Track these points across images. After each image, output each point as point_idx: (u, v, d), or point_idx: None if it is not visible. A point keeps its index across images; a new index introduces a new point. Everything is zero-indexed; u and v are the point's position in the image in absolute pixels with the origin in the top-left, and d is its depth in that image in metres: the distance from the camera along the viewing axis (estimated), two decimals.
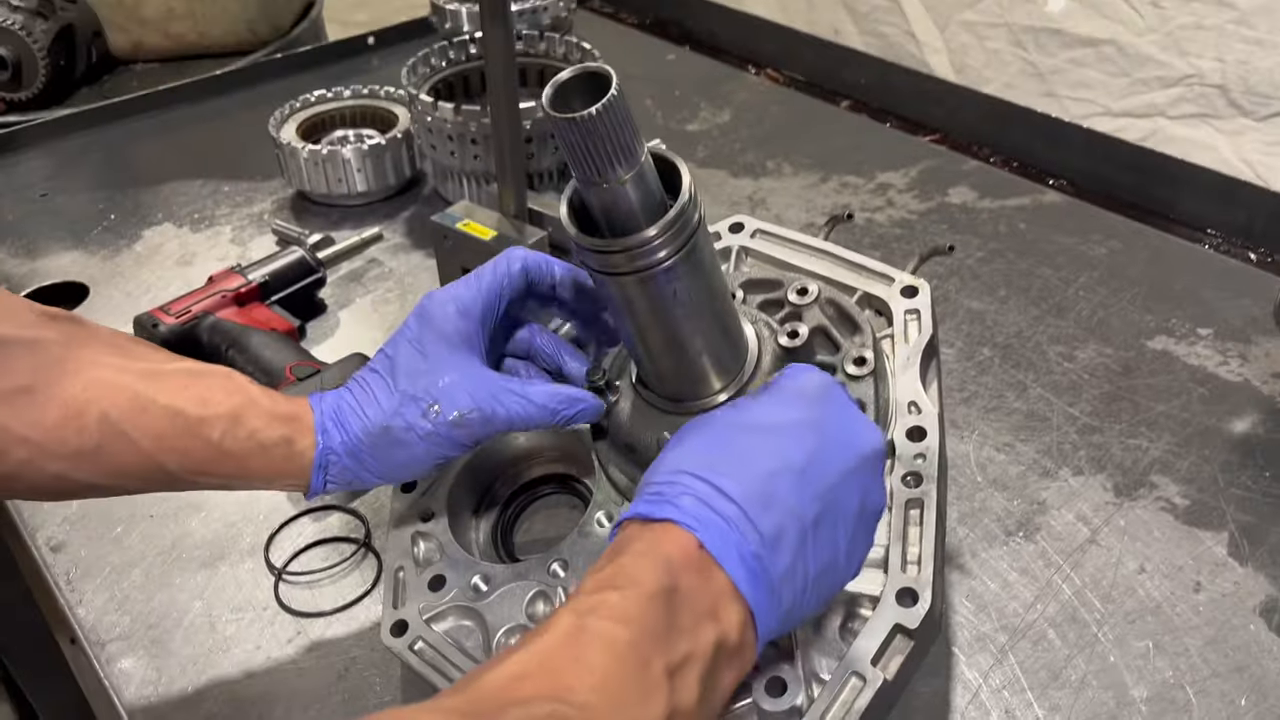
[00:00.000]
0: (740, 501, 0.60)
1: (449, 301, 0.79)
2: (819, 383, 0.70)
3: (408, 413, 0.77)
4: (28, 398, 0.69)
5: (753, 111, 1.72)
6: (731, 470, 0.62)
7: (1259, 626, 0.86)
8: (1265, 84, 1.70)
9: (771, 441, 0.64)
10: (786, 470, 0.62)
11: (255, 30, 2.02)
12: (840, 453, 0.65)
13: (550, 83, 0.67)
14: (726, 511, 0.60)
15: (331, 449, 0.76)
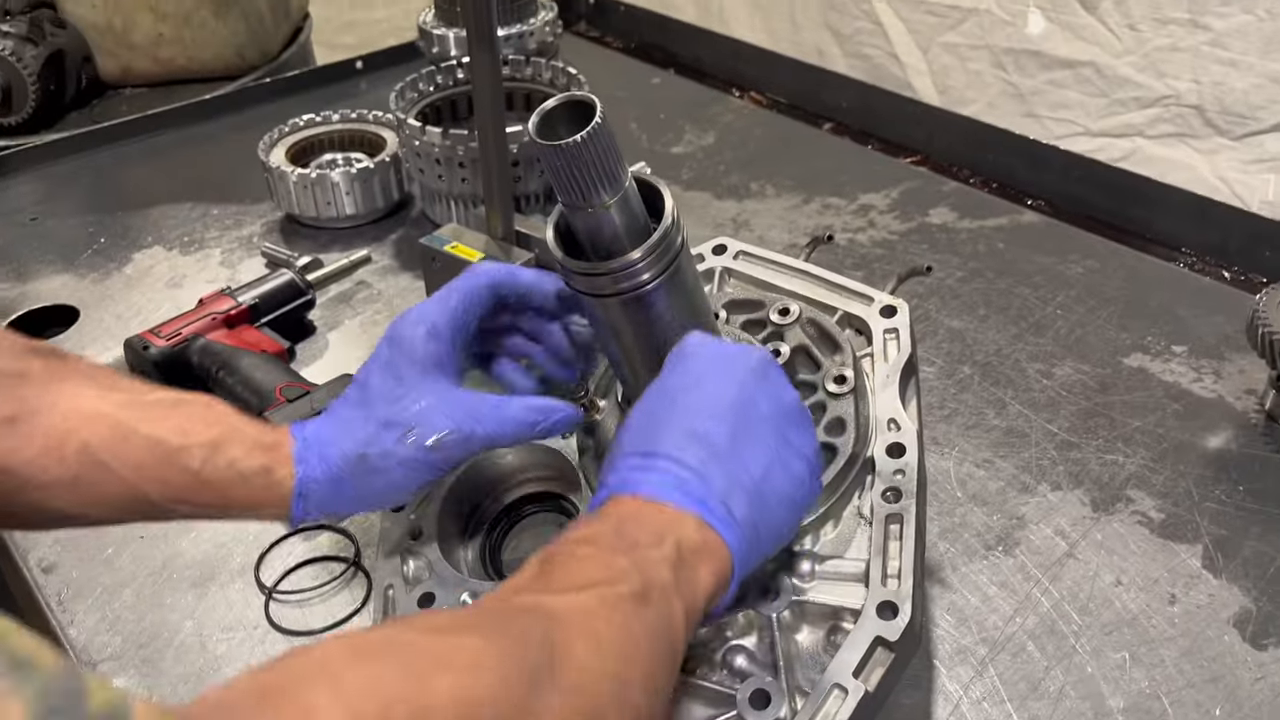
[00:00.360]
0: (661, 452, 0.66)
1: (418, 323, 0.80)
2: (688, 349, 0.73)
3: (384, 439, 0.77)
4: (10, 428, 0.69)
5: (736, 134, 1.74)
6: (637, 442, 0.68)
7: (1233, 637, 0.88)
8: (1240, 104, 1.74)
9: (665, 404, 0.69)
10: (683, 413, 0.68)
11: (244, 55, 2.03)
12: (726, 377, 0.70)
13: (536, 111, 0.69)
14: (652, 465, 0.66)
15: (311, 478, 0.76)
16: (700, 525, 0.64)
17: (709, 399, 0.69)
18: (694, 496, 0.64)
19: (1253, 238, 1.37)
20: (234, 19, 2.00)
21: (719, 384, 0.70)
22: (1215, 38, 1.73)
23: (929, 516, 1.00)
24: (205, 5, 1.97)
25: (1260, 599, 0.91)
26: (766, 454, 0.68)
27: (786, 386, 0.73)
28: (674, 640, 0.60)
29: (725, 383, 0.70)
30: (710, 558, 0.64)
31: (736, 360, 0.71)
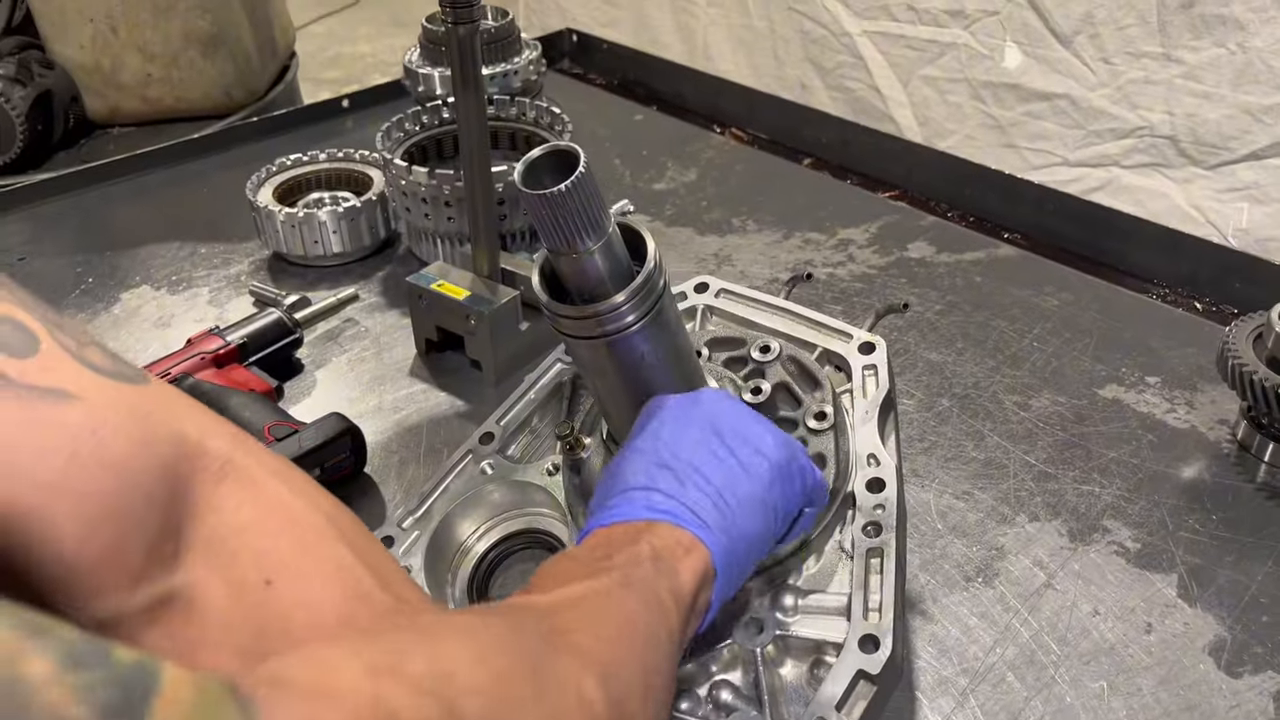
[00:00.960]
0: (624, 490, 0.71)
1: None
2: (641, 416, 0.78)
3: None
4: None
5: (718, 170, 1.77)
6: (602, 493, 0.73)
7: (1208, 666, 0.90)
8: (1213, 135, 1.78)
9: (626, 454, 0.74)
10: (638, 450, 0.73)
11: (231, 94, 2.06)
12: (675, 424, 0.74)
13: (522, 160, 0.71)
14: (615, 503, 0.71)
15: None
16: (671, 529, 0.68)
17: (666, 439, 0.73)
18: (659, 509, 0.69)
19: (1223, 269, 1.40)
20: (221, 59, 2.03)
21: (674, 426, 0.74)
22: (1188, 70, 1.77)
23: (910, 548, 1.01)
24: (193, 45, 2.00)
25: (1234, 627, 0.93)
26: (724, 463, 0.72)
27: (735, 400, 0.78)
28: (667, 619, 0.64)
29: (679, 423, 0.75)
30: (687, 554, 0.68)
31: (685, 403, 0.76)
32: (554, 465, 0.95)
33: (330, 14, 5.90)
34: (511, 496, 0.97)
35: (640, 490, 0.71)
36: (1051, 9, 1.86)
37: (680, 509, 0.69)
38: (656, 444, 0.73)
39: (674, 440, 0.73)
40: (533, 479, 0.95)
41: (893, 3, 2.08)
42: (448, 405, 1.24)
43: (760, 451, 0.74)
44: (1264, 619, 0.94)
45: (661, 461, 0.72)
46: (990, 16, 1.95)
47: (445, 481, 0.97)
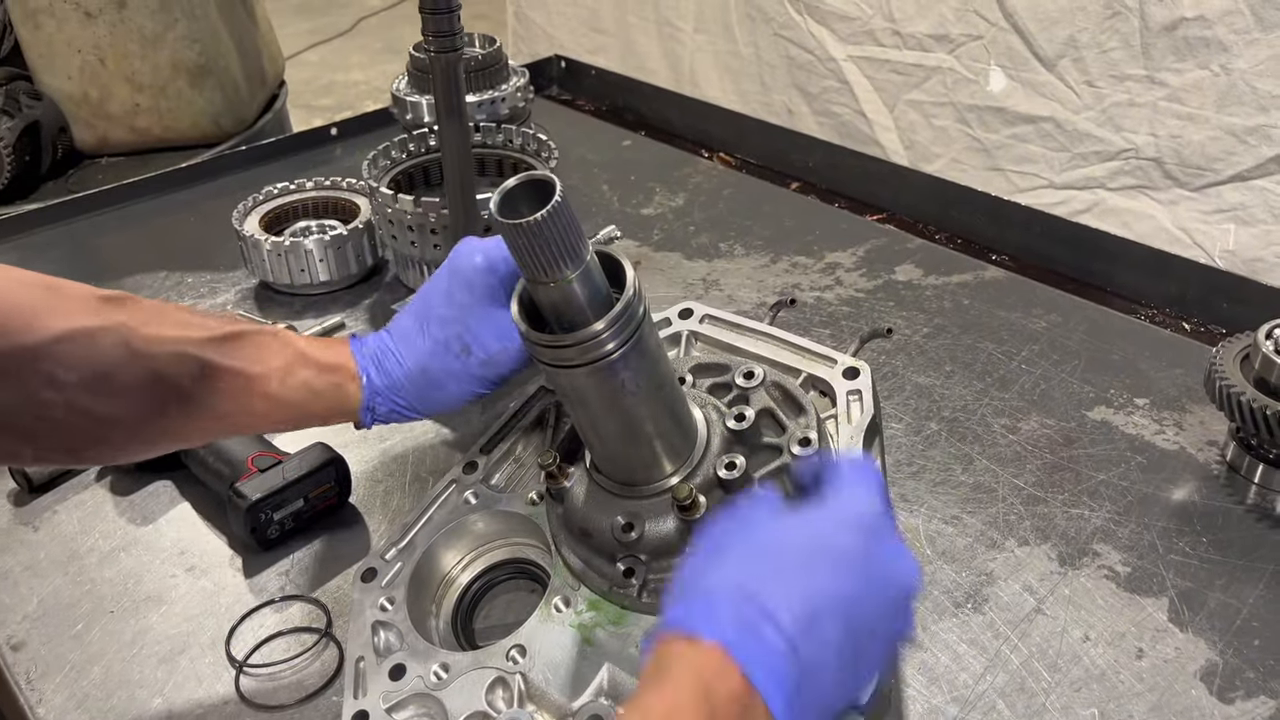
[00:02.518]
0: (789, 633, 0.60)
1: (476, 253, 0.90)
2: (871, 508, 0.69)
3: (442, 357, 0.89)
4: (108, 382, 0.78)
5: (706, 195, 1.77)
6: (781, 591, 0.61)
7: (1200, 691, 0.89)
8: (1198, 156, 1.79)
9: (824, 570, 0.63)
10: (835, 604, 0.62)
11: (220, 124, 2.06)
12: (883, 590, 0.65)
13: (498, 190, 0.71)
14: (774, 643, 0.59)
15: (375, 391, 0.89)
16: None
17: (859, 606, 0.63)
18: (790, 709, 0.59)
19: (1210, 290, 1.40)
20: (210, 89, 2.04)
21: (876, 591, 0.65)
22: (1171, 93, 1.78)
23: None
24: (181, 75, 2.00)
25: (1226, 651, 0.92)
26: (856, 682, 0.65)
27: (913, 617, 0.69)
28: None
29: (882, 593, 0.65)
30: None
31: (903, 572, 0.67)
32: (538, 495, 0.94)
33: (323, 42, 5.94)
34: (495, 526, 0.96)
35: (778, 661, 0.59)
36: (1035, 33, 1.87)
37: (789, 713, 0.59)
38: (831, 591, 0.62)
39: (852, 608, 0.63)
40: (516, 509, 0.94)
41: (877, 28, 2.09)
42: (433, 434, 1.23)
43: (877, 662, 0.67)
44: (1255, 643, 0.93)
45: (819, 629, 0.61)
46: (974, 41, 1.96)
47: (428, 512, 0.96)
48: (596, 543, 0.84)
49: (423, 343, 0.90)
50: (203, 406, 0.83)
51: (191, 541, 1.10)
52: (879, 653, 0.66)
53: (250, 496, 1.04)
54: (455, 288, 0.90)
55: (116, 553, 1.09)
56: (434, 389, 0.90)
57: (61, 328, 0.76)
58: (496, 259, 0.90)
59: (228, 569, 1.07)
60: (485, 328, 0.89)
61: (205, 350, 0.83)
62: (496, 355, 0.90)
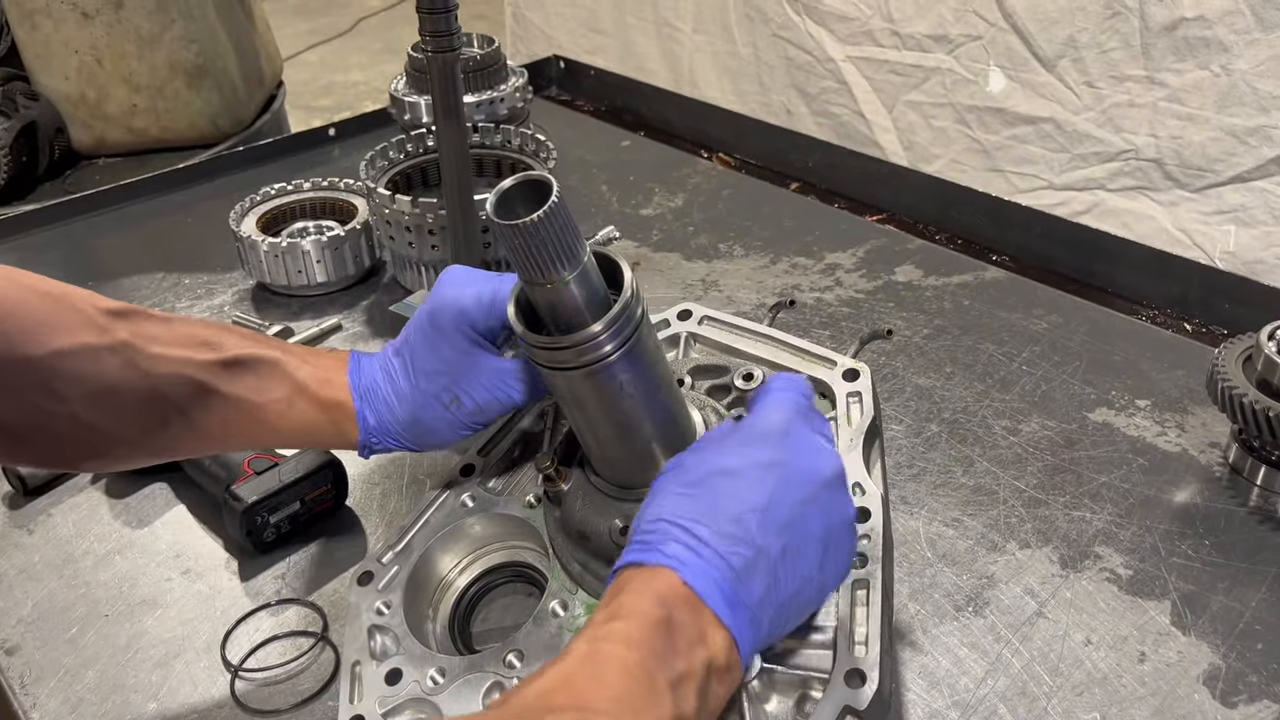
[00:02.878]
0: (712, 544, 0.68)
1: (454, 300, 0.89)
2: (778, 421, 0.75)
3: (432, 408, 0.90)
4: (110, 398, 0.79)
5: (705, 195, 1.76)
6: (703, 516, 0.69)
7: (1203, 695, 0.88)
8: (1198, 157, 1.78)
9: (735, 484, 0.71)
10: (752, 511, 0.69)
11: (218, 124, 2.06)
12: (799, 484, 0.72)
13: (494, 190, 0.70)
14: (703, 552, 0.67)
15: (371, 432, 0.91)
16: (730, 646, 0.66)
17: (775, 507, 0.70)
18: (731, 605, 0.67)
19: (1211, 290, 1.40)
20: (207, 89, 2.03)
21: (791, 489, 0.71)
22: (1172, 93, 1.77)
23: (899, 577, 1.00)
24: (179, 76, 2.00)
25: (1229, 655, 0.92)
26: (803, 574, 0.71)
27: (848, 498, 0.76)
28: None
29: (798, 488, 0.72)
30: (728, 677, 0.67)
31: (819, 465, 0.73)
32: (535, 498, 0.93)
33: (322, 42, 5.94)
34: (492, 530, 0.95)
35: (720, 557, 0.67)
36: (1035, 33, 1.86)
37: (745, 620, 0.67)
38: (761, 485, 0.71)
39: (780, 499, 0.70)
40: (514, 512, 0.93)
41: (876, 28, 2.08)
42: None
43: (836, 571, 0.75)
44: (1259, 646, 0.92)
45: (753, 525, 0.69)
46: (974, 41, 1.96)
47: (425, 515, 0.95)
48: (594, 546, 0.84)
49: (413, 393, 0.90)
50: (200, 428, 0.85)
51: (187, 544, 1.09)
52: (817, 542, 0.72)
53: (246, 499, 1.04)
54: (438, 339, 0.89)
55: (112, 556, 1.08)
56: (426, 434, 0.92)
57: (66, 343, 0.76)
58: (469, 307, 0.88)
59: (223, 572, 1.06)
60: (473, 379, 0.89)
61: (208, 375, 0.84)
62: (487, 405, 0.90)
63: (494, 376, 0.89)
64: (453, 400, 0.89)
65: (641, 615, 0.64)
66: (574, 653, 0.63)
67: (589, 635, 0.64)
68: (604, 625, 0.65)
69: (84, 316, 0.79)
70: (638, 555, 0.69)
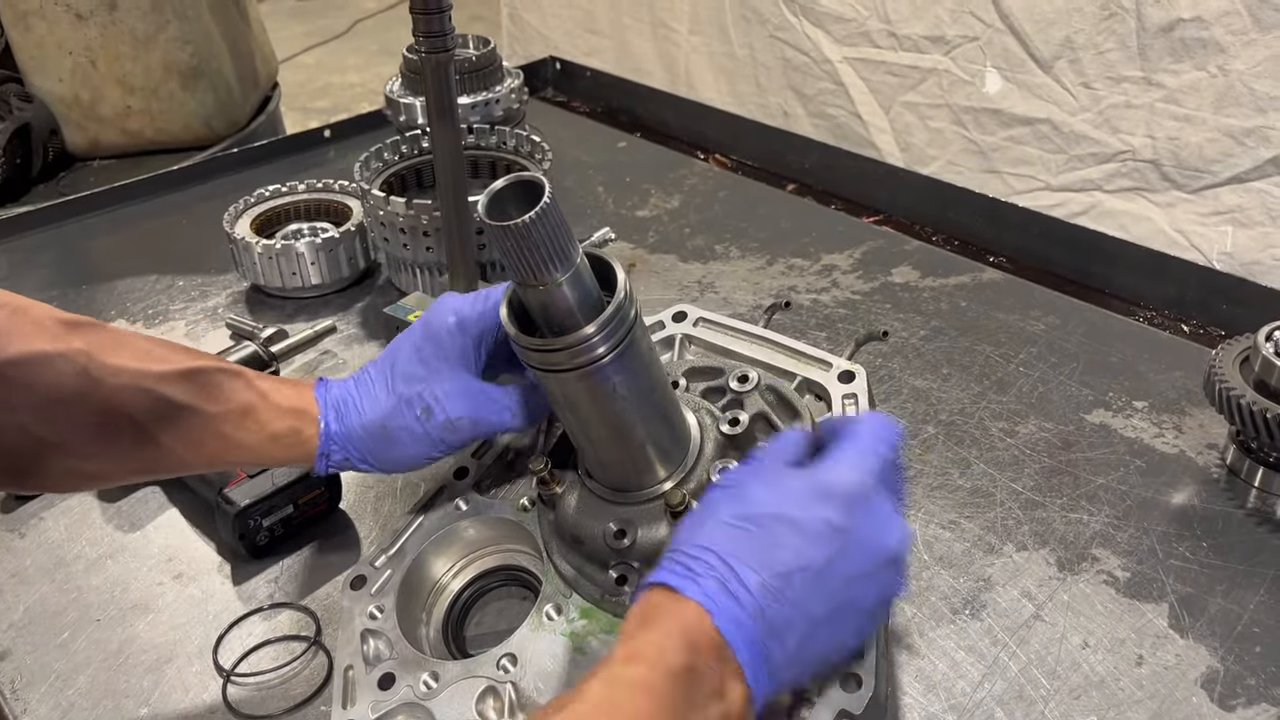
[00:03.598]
0: (756, 593, 0.65)
1: (450, 314, 0.88)
2: (856, 483, 0.70)
3: (404, 415, 0.87)
4: (62, 409, 0.77)
5: (701, 196, 1.76)
6: (754, 560, 0.66)
7: (1200, 699, 0.88)
8: (1195, 158, 1.78)
9: (796, 539, 0.67)
10: (804, 570, 0.66)
11: (212, 126, 2.05)
12: (860, 557, 0.69)
13: (486, 191, 0.70)
14: (743, 600, 0.65)
15: (332, 438, 0.87)
16: (747, 701, 0.64)
17: (832, 572, 0.67)
18: (757, 662, 0.64)
19: (1209, 291, 1.39)
20: (202, 90, 2.02)
21: (852, 558, 0.68)
22: (1168, 94, 1.77)
23: None
24: (173, 77, 1.99)
25: (1227, 658, 0.91)
26: (835, 644, 0.69)
27: (903, 576, 0.72)
28: None
29: (859, 559, 0.68)
30: None
31: (886, 538, 0.70)
32: (529, 501, 0.93)
33: (319, 44, 5.94)
34: (486, 533, 0.95)
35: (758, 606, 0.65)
36: (1031, 34, 1.86)
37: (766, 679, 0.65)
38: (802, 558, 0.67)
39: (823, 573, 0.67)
40: (507, 515, 0.93)
41: (873, 29, 2.08)
42: None
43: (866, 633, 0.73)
44: (1257, 649, 0.92)
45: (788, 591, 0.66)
46: (970, 42, 1.95)
47: (419, 518, 0.95)
48: (588, 550, 0.83)
49: (385, 398, 0.88)
50: (155, 442, 0.81)
51: (179, 548, 1.09)
52: (862, 615, 0.69)
53: (239, 503, 1.03)
54: (425, 345, 0.88)
55: (103, 560, 1.07)
56: (391, 446, 0.88)
57: (18, 351, 0.75)
58: (469, 317, 0.88)
59: (216, 576, 1.05)
60: (451, 392, 0.87)
61: (163, 385, 0.81)
62: (459, 421, 0.87)
63: (474, 395, 0.87)
64: (425, 410, 0.87)
65: (664, 662, 0.61)
66: (590, 695, 0.61)
67: (607, 676, 0.62)
68: (624, 666, 0.62)
69: (39, 325, 0.77)
70: (676, 580, 0.66)
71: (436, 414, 0.87)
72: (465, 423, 0.87)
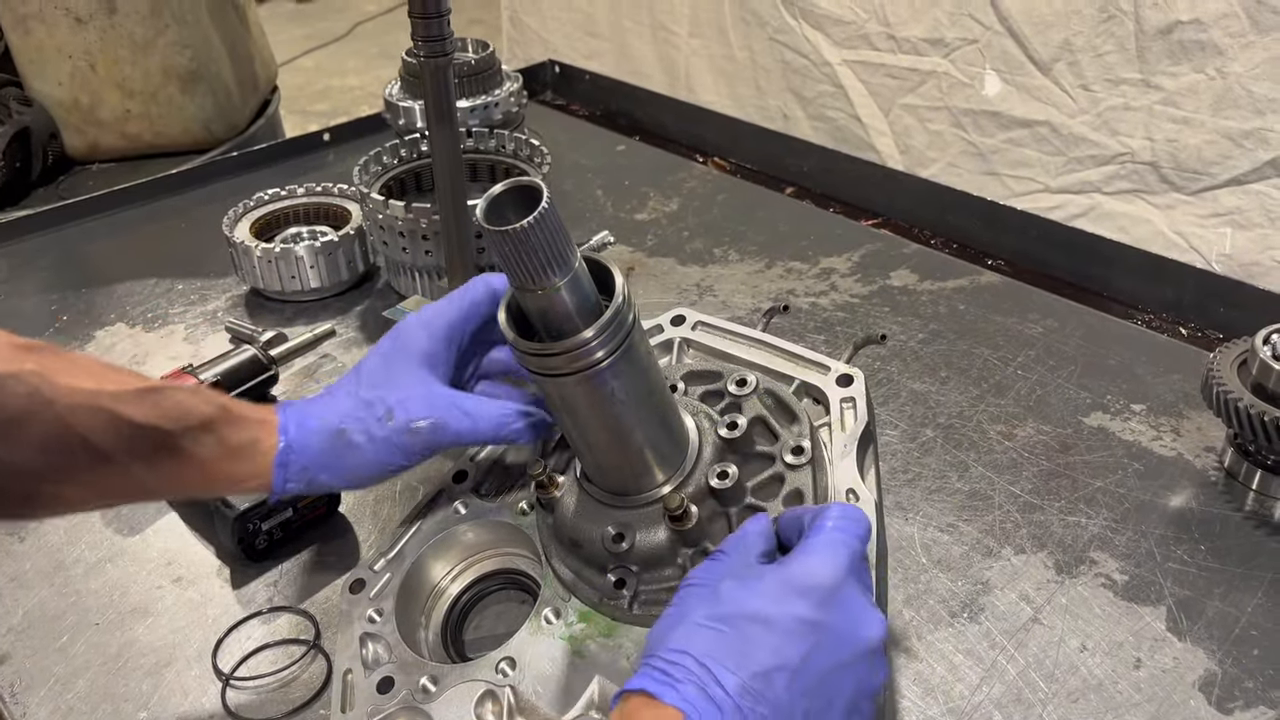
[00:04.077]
0: (735, 695, 0.64)
1: (418, 322, 0.88)
2: (828, 576, 0.70)
3: (365, 418, 0.85)
4: (16, 430, 0.74)
5: (700, 200, 1.76)
6: (731, 661, 0.65)
7: (1199, 702, 0.88)
8: (1194, 160, 1.78)
9: (772, 638, 0.67)
10: (782, 669, 0.66)
11: (211, 129, 2.05)
12: (837, 650, 0.68)
13: (484, 196, 0.70)
14: (724, 706, 0.64)
15: (290, 446, 0.84)
16: None
17: (809, 668, 0.66)
18: None
19: (1206, 294, 1.40)
20: (201, 94, 2.02)
21: (829, 652, 0.67)
22: (1167, 96, 1.77)
23: (894, 583, 1.00)
24: (173, 81, 1.99)
25: (1225, 661, 0.91)
26: None
27: (883, 667, 0.72)
28: None
29: (836, 652, 0.68)
30: None
31: (863, 630, 0.69)
32: (528, 505, 0.93)
33: (319, 47, 5.94)
34: (485, 536, 0.95)
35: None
36: (1030, 36, 1.86)
37: None
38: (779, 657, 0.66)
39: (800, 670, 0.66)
40: (506, 519, 0.93)
41: (872, 32, 2.08)
42: None
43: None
44: (1255, 652, 0.92)
45: (767, 691, 0.65)
46: (969, 45, 1.96)
47: (418, 522, 0.95)
48: (587, 553, 0.83)
49: (346, 402, 0.86)
50: (110, 462, 0.78)
51: (179, 552, 1.09)
52: (842, 711, 0.68)
53: (238, 506, 1.03)
54: (394, 350, 0.87)
55: (103, 564, 1.08)
56: (350, 452, 0.84)
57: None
58: (438, 326, 0.87)
59: (215, 580, 1.05)
60: (415, 395, 0.85)
61: (120, 404, 0.78)
62: (419, 425, 0.84)
63: (438, 399, 0.85)
64: (387, 412, 0.85)
65: None
66: None
67: None
68: None
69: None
70: (654, 687, 0.65)
71: (399, 415, 0.84)
72: (426, 426, 0.85)
